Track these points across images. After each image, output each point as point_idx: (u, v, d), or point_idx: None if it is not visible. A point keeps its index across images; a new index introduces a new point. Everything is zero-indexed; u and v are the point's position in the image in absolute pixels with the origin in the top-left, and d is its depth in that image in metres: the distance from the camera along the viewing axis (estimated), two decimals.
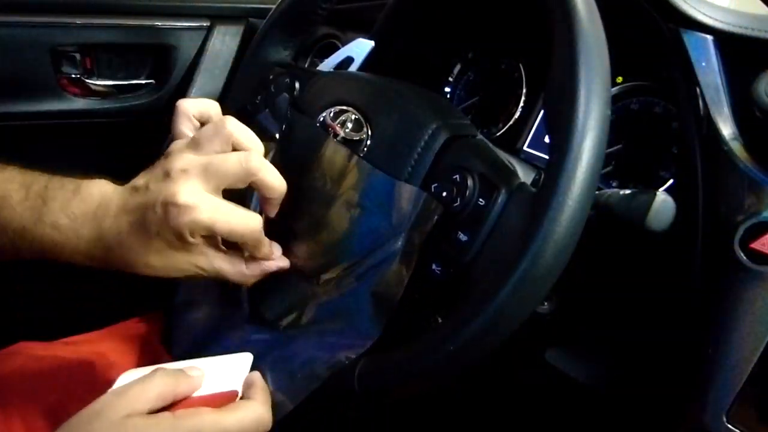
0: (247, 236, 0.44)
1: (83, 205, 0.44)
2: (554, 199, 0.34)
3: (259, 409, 0.39)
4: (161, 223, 0.41)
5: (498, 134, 0.73)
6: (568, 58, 0.36)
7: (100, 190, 0.45)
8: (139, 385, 0.36)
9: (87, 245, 0.44)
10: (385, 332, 0.45)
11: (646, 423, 0.56)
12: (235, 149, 0.44)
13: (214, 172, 0.42)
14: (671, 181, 0.57)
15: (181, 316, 0.57)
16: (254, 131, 0.55)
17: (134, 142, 0.95)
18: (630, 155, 0.61)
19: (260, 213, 0.48)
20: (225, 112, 0.65)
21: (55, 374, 0.54)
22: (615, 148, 0.62)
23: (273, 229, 0.55)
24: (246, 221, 0.44)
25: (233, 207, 0.43)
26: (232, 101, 0.65)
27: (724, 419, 0.43)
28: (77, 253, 0.44)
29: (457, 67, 0.80)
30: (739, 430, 0.43)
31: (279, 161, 0.56)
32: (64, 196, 0.44)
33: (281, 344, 0.48)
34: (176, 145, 0.45)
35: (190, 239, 0.42)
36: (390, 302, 0.44)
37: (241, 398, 0.40)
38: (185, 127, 0.49)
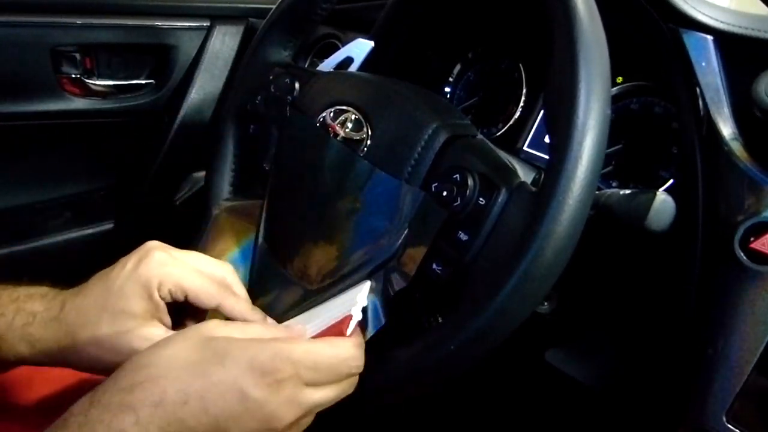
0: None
1: (29, 289, 0.44)
2: (554, 198, 0.34)
3: (351, 348, 0.38)
4: None
5: (498, 134, 0.73)
6: (568, 59, 0.36)
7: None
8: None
9: (24, 320, 0.42)
10: (385, 332, 0.45)
11: (646, 423, 0.56)
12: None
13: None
14: (671, 181, 0.57)
15: None
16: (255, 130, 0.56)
17: (134, 142, 0.95)
18: (630, 155, 0.61)
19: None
20: (225, 113, 0.66)
21: (58, 376, 0.54)
22: (615, 148, 0.62)
23: (273, 229, 0.55)
24: None
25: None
26: (232, 101, 0.65)
27: (724, 419, 0.43)
28: (10, 330, 0.42)
29: (457, 67, 0.80)
30: (739, 430, 0.43)
31: (279, 161, 0.56)
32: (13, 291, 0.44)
33: None
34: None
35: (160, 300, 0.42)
36: (389, 303, 0.44)
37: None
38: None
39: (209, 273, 0.45)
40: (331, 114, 0.52)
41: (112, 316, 0.41)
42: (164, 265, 0.42)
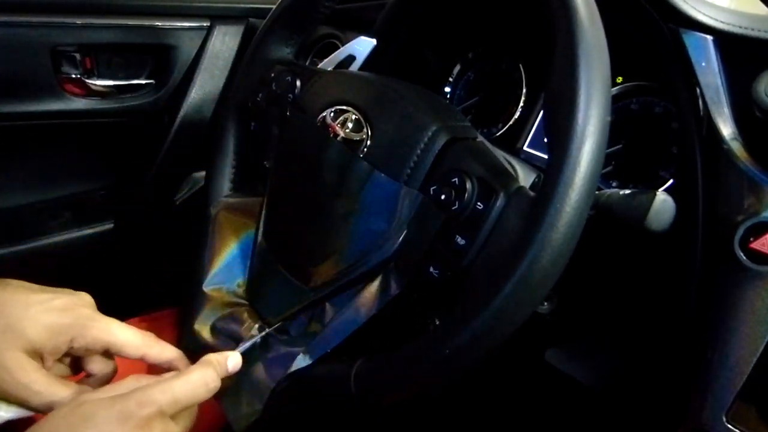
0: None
1: None
2: (552, 204, 0.34)
3: (199, 374, 0.42)
4: None
5: (498, 134, 0.73)
6: (568, 61, 0.36)
7: None
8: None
9: None
10: (382, 334, 0.45)
11: (646, 423, 0.56)
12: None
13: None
14: (671, 181, 0.57)
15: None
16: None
17: (134, 142, 0.95)
18: (630, 155, 0.61)
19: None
20: (226, 110, 0.66)
21: None
22: (615, 148, 0.62)
23: (272, 229, 0.55)
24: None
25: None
26: (233, 99, 0.65)
27: (724, 419, 0.43)
28: None
29: (457, 67, 0.80)
30: (739, 430, 0.43)
31: (279, 160, 0.56)
32: None
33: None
34: None
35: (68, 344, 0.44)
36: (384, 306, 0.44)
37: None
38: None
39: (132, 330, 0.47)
40: (332, 114, 0.52)
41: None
42: (90, 318, 0.45)
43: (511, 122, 0.72)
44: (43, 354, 0.44)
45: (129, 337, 0.46)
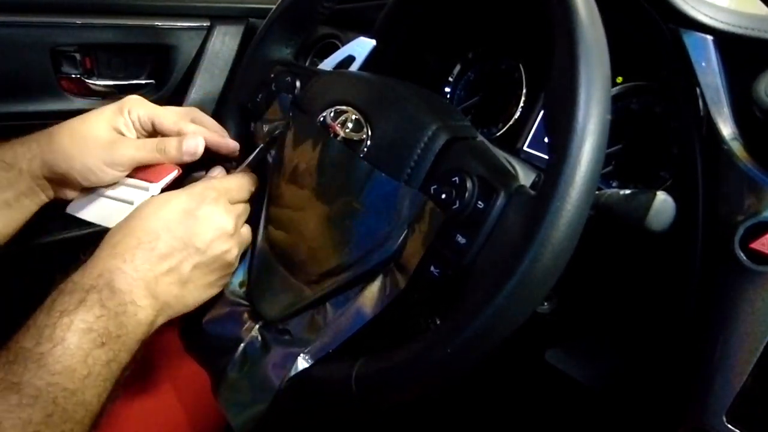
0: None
1: None
2: (553, 203, 0.34)
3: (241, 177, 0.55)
4: None
5: (498, 134, 0.73)
6: (568, 61, 0.36)
7: None
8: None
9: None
10: (383, 334, 0.45)
11: (646, 423, 0.56)
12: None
13: None
14: (671, 181, 0.57)
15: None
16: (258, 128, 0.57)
17: None
18: (630, 155, 0.61)
19: None
20: (226, 110, 0.66)
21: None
22: (615, 148, 0.62)
23: (272, 229, 0.55)
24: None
25: None
26: (233, 99, 0.65)
27: (724, 419, 0.43)
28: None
29: (457, 67, 0.80)
30: (739, 430, 0.43)
31: (280, 160, 0.56)
32: None
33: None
34: None
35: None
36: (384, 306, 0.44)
37: None
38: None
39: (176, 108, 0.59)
40: (332, 114, 0.52)
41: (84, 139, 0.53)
42: (135, 98, 0.57)
43: (511, 122, 0.72)
44: (119, 129, 0.55)
45: (167, 111, 0.57)
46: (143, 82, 0.89)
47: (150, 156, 0.55)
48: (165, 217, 0.47)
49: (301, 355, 0.46)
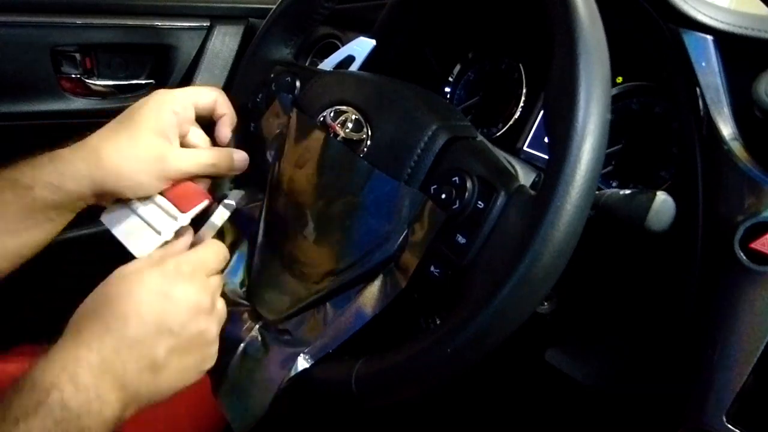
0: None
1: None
2: (553, 203, 0.34)
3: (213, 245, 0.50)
4: None
5: (498, 134, 0.73)
6: (568, 60, 0.36)
7: None
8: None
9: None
10: (383, 332, 0.45)
11: (646, 423, 0.56)
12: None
13: None
14: (671, 181, 0.57)
15: None
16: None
17: None
18: (630, 155, 0.61)
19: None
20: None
21: None
22: (615, 148, 0.62)
23: (272, 229, 0.55)
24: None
25: None
26: (233, 99, 0.65)
27: (724, 419, 0.43)
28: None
29: (457, 67, 0.80)
30: (739, 430, 0.43)
31: (280, 160, 0.56)
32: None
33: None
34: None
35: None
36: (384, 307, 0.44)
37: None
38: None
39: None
40: (332, 114, 0.52)
41: (131, 132, 0.51)
42: (165, 92, 0.54)
43: (511, 122, 0.72)
44: (167, 134, 0.52)
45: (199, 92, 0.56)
46: (143, 82, 0.89)
47: (202, 171, 0.53)
48: (135, 298, 0.43)
49: (302, 355, 0.46)
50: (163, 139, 0.52)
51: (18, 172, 0.50)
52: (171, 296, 0.44)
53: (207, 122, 0.58)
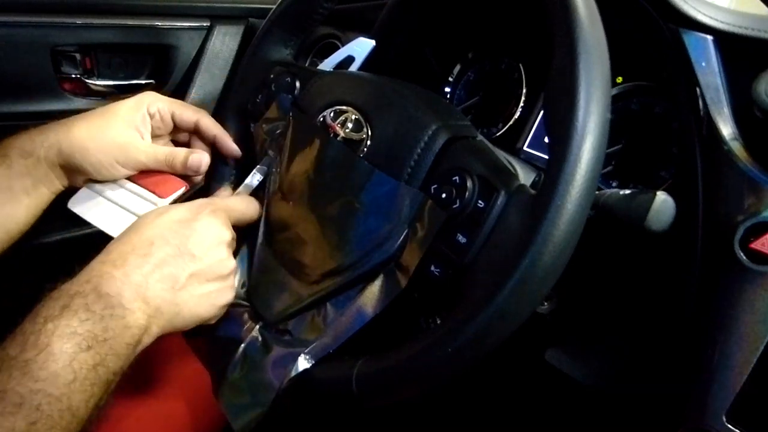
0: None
1: None
2: (553, 202, 0.34)
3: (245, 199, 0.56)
4: None
5: (498, 134, 0.73)
6: (568, 60, 0.36)
7: None
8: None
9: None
10: (384, 334, 0.45)
11: (646, 423, 0.56)
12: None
13: None
14: (671, 181, 0.57)
15: None
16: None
17: None
18: (630, 155, 0.61)
19: None
20: (225, 111, 0.66)
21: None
22: (615, 148, 0.62)
23: (273, 229, 0.55)
24: None
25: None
26: (232, 100, 0.65)
27: (724, 419, 0.43)
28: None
29: (457, 68, 0.80)
30: (739, 430, 0.43)
31: (280, 160, 0.56)
32: None
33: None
34: None
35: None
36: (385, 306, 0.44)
37: None
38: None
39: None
40: (332, 114, 0.52)
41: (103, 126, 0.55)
42: (153, 93, 0.59)
43: (511, 122, 0.72)
44: (138, 128, 0.56)
45: (185, 106, 0.60)
46: (143, 82, 0.89)
47: (157, 166, 0.57)
48: (161, 225, 0.47)
49: (302, 355, 0.46)
50: (132, 131, 0.56)
51: None
52: (194, 226, 0.48)
53: (210, 142, 0.62)
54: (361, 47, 0.67)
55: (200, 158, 0.58)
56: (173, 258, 0.46)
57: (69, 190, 0.57)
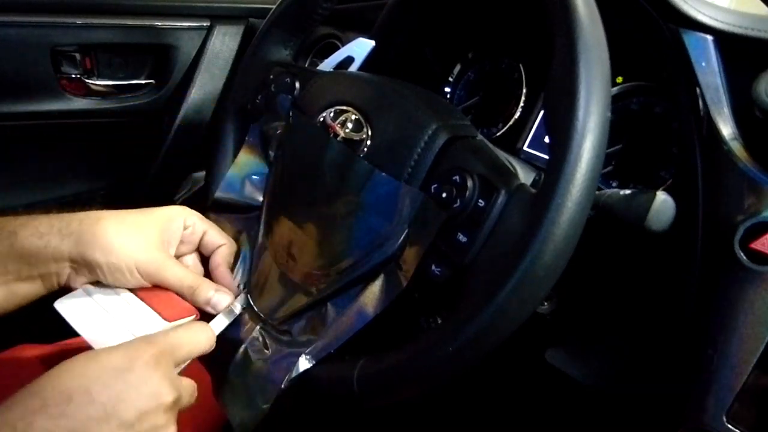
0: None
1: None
2: (554, 201, 0.34)
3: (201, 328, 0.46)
4: None
5: (498, 134, 0.73)
6: (568, 60, 0.36)
7: None
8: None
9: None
10: (384, 334, 0.45)
11: (646, 423, 0.57)
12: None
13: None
14: (671, 181, 0.57)
15: None
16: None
17: (134, 142, 0.95)
18: (630, 155, 0.61)
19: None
20: (225, 112, 0.66)
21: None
22: (615, 148, 0.62)
23: (273, 229, 0.55)
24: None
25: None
26: (232, 100, 0.65)
27: (724, 419, 0.43)
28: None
29: (457, 68, 0.80)
30: (739, 430, 0.43)
31: (280, 160, 0.56)
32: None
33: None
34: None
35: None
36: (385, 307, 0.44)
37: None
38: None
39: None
40: (332, 114, 0.52)
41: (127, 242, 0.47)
42: (187, 209, 0.53)
43: (511, 122, 0.72)
44: (170, 240, 0.51)
45: (213, 227, 0.54)
46: (143, 82, 0.89)
47: (180, 291, 0.49)
48: (86, 374, 0.36)
49: (303, 355, 0.46)
50: (163, 243, 0.50)
51: (13, 219, 0.47)
52: (128, 379, 0.37)
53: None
54: (361, 47, 0.67)
55: (225, 300, 0.50)
56: (97, 423, 0.35)
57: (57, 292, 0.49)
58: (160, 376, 0.39)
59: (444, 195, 0.43)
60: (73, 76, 0.83)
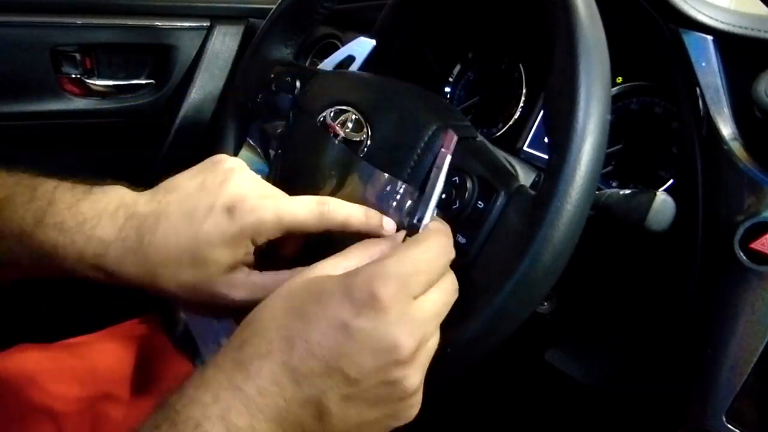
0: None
1: (95, 206, 0.42)
2: (553, 203, 0.34)
3: (438, 236, 0.38)
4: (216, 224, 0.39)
5: (498, 134, 0.73)
6: (567, 60, 0.36)
7: (118, 194, 0.44)
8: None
9: (95, 249, 0.40)
10: None
11: (646, 423, 0.57)
12: None
13: None
14: (671, 181, 0.57)
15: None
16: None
17: (134, 142, 0.95)
18: (630, 155, 0.61)
19: None
20: (225, 111, 0.66)
21: (54, 376, 0.54)
22: (615, 148, 0.62)
23: None
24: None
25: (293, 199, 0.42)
26: (232, 100, 0.65)
27: (724, 419, 0.43)
28: (81, 260, 0.41)
29: (457, 68, 0.80)
30: (739, 430, 0.43)
31: (280, 160, 0.56)
32: (73, 197, 0.42)
33: None
34: None
35: (251, 246, 0.40)
36: None
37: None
38: None
39: (301, 202, 0.43)
40: (332, 114, 0.52)
41: (195, 263, 0.40)
42: (256, 212, 0.40)
43: (511, 122, 0.72)
44: (243, 261, 0.42)
45: (303, 214, 0.42)
46: (143, 82, 0.89)
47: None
48: (307, 319, 0.33)
49: None
50: (232, 254, 0.41)
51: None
52: (351, 332, 0.32)
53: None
54: (361, 47, 0.67)
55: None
56: (319, 377, 0.32)
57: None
58: (391, 323, 0.32)
59: (443, 196, 0.43)
60: (73, 76, 0.83)
